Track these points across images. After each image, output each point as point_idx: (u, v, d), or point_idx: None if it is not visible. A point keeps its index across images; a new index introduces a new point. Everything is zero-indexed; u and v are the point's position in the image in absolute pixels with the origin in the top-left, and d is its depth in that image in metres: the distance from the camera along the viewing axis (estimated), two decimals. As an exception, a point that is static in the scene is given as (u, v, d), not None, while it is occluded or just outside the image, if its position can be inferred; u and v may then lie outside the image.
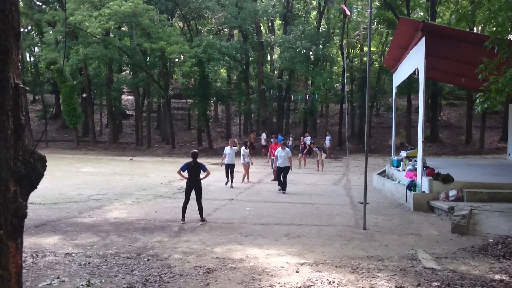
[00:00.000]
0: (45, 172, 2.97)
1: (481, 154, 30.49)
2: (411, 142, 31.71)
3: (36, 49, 42.98)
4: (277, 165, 15.43)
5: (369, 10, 10.98)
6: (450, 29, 13.99)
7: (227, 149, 16.78)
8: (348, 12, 23.36)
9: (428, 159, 16.82)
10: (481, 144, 34.32)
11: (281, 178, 15.22)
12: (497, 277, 6.40)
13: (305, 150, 24.06)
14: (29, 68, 47.10)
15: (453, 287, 5.94)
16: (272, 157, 18.10)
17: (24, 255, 7.15)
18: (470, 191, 11.37)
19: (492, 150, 32.46)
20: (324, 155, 22.85)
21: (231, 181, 16.39)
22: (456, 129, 41.60)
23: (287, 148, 15.81)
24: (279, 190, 15.30)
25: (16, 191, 2.68)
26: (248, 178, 17.88)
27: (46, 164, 2.95)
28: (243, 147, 17.93)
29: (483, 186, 11.76)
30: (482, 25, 26.87)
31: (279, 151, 15.50)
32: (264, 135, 32.52)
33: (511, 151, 21.02)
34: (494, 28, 9.04)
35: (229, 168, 16.42)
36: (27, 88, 2.97)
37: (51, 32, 33.24)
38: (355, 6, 33.74)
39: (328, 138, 31.01)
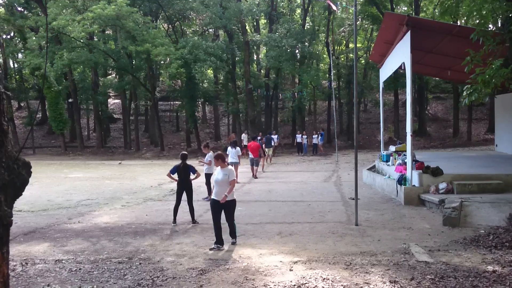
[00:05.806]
0: (32, 179, 2.89)
1: (469, 146, 30.74)
2: (399, 137, 31.87)
3: (20, 55, 42.52)
4: (213, 197, 8.61)
5: (354, 7, 10.99)
6: (435, 23, 14.05)
7: (210, 156, 13.27)
8: (334, 7, 23.37)
9: (417, 153, 16.88)
10: (469, 136, 34.60)
11: (226, 219, 8.47)
12: (490, 268, 6.42)
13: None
14: (13, 75, 46.56)
15: (447, 279, 5.94)
16: (253, 157, 19.15)
17: (13, 263, 7.05)
18: (460, 183, 11.42)
19: (480, 142, 32.76)
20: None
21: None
22: (443, 122, 41.92)
23: (229, 166, 8.79)
24: (217, 248, 8.01)
25: (0, 199, 2.60)
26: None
27: (31, 170, 2.86)
28: (229, 147, 17.57)
29: (472, 178, 11.82)
30: (465, 18, 27.07)
31: (218, 171, 8.63)
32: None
33: (499, 142, 21.15)
34: (478, 21, 9.10)
35: (209, 178, 13.00)
36: (8, 93, 2.87)
37: (34, 38, 32.88)
38: (338, 2, 33.72)
39: (322, 133, 31.69)
